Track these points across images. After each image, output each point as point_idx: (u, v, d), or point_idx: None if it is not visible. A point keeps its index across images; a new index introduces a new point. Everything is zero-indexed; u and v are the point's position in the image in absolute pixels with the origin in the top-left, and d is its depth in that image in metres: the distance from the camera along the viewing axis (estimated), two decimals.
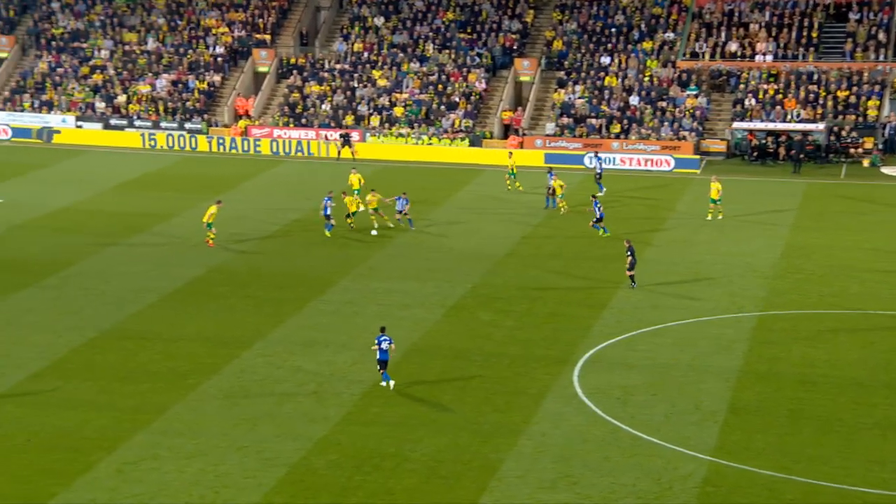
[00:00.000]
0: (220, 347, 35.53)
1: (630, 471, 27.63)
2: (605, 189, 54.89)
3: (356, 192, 50.62)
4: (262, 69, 71.11)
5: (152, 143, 66.48)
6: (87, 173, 60.12)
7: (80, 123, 68.50)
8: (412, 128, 65.82)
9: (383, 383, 32.38)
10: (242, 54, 71.96)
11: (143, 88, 70.04)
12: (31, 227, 49.54)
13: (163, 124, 68.03)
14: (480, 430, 29.85)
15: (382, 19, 72.44)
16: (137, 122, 68.24)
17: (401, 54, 70.23)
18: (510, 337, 36.63)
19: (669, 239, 48.07)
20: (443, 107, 66.85)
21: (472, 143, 64.56)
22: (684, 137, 63.39)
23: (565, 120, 65.07)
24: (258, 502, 26.22)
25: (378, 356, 32.19)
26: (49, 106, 69.85)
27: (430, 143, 63.97)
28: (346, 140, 64.04)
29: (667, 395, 32.03)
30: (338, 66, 70.11)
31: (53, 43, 73.66)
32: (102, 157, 64.16)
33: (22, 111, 69.69)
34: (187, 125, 67.88)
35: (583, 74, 67.67)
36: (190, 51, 72.16)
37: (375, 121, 66.44)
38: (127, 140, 66.88)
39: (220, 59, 71.47)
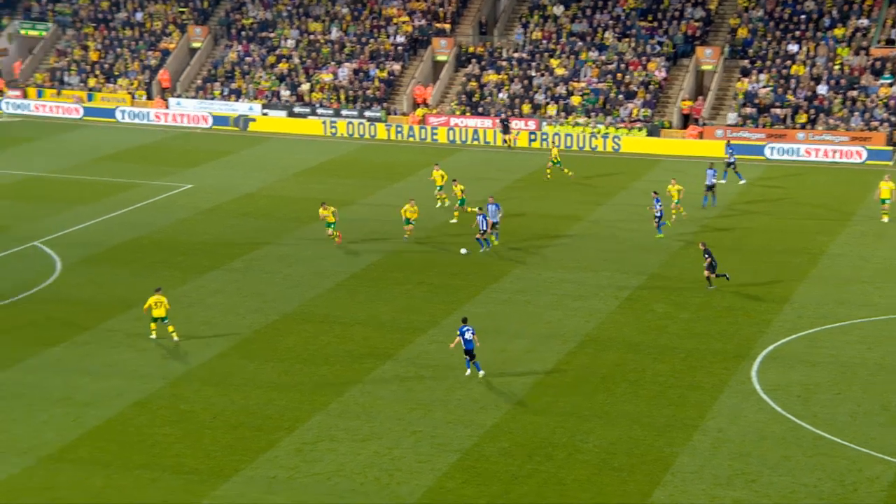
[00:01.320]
0: (394, 332, 36.11)
1: (812, 471, 26.74)
2: (744, 179, 54.27)
3: (439, 188, 50.73)
4: (441, 58, 71.75)
5: (333, 130, 67.98)
6: (272, 160, 61.96)
7: (266, 111, 70.67)
8: (589, 117, 65.23)
9: (469, 372, 32.45)
10: (422, 43, 72.79)
11: (326, 77, 71.71)
12: (218, 211, 51.39)
13: (343, 112, 69.50)
14: (654, 423, 29.40)
15: (562, 8, 72.00)
16: (319, 110, 69.93)
17: (579, 42, 69.66)
18: (686, 330, 35.93)
19: (859, 233, 46.23)
20: (621, 96, 66.00)
21: (650, 133, 63.53)
22: (876, 128, 60.76)
23: (748, 109, 63.29)
24: (431, 486, 26.54)
25: (463, 346, 32.16)
26: (237, 94, 72.29)
27: (607, 134, 63.24)
28: (506, 127, 63.88)
29: (852, 394, 30.83)
30: (515, 55, 70.10)
31: (243, 33, 76.19)
32: (286, 144, 66.02)
33: (212, 99, 72.39)
34: (367, 113, 69.13)
35: (768, 63, 65.64)
36: (371, 40, 73.45)
37: (552, 110, 66.14)
38: (309, 127, 68.61)
39: (400, 47, 72.49)
